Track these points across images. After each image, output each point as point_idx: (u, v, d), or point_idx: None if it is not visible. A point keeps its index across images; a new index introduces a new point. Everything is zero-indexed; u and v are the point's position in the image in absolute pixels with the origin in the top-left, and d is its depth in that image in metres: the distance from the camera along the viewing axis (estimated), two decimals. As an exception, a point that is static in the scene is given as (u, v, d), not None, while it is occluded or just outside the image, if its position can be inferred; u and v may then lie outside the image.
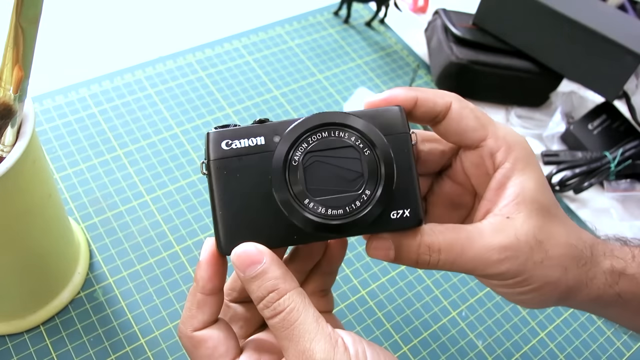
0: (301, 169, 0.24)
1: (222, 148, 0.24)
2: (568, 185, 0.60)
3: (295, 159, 0.24)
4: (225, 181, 0.24)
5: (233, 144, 0.25)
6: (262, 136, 0.25)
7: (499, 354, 0.48)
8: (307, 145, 0.24)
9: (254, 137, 0.25)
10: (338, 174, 0.24)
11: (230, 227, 0.25)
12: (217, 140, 0.24)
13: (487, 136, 0.28)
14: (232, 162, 0.24)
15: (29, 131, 0.31)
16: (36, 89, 0.58)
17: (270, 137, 0.25)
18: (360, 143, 0.24)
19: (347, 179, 0.24)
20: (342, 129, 0.24)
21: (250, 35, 0.69)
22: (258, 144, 0.25)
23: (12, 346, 0.43)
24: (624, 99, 0.63)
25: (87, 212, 0.50)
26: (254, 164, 0.25)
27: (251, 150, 0.25)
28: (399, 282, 0.51)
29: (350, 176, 0.24)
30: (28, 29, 0.28)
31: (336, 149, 0.24)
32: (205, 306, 0.27)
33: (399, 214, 0.25)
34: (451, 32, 0.66)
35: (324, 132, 0.24)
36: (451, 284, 0.52)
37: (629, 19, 0.63)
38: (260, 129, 0.25)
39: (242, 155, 0.25)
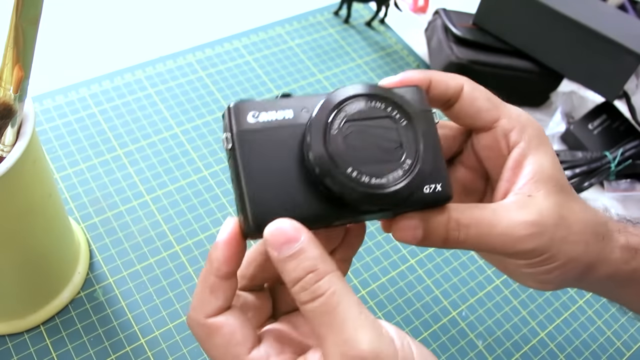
0: (341, 137, 0.22)
1: (249, 120, 0.23)
2: (568, 185, 0.60)
3: (335, 127, 0.22)
4: (253, 155, 0.23)
5: (260, 115, 0.23)
6: (290, 109, 0.23)
7: (499, 354, 0.48)
8: (346, 114, 0.23)
9: (282, 110, 0.23)
10: (377, 143, 0.23)
11: (260, 205, 0.23)
12: (243, 111, 0.23)
13: (500, 116, 0.28)
14: (261, 135, 0.23)
15: (29, 131, 0.31)
16: (36, 89, 0.58)
17: (299, 111, 0.23)
18: (397, 114, 0.24)
19: (386, 148, 0.23)
20: (379, 100, 0.23)
21: (250, 35, 0.69)
22: (286, 117, 0.23)
23: (12, 346, 0.43)
24: (624, 98, 0.63)
25: (87, 212, 0.50)
26: (284, 137, 0.23)
27: (280, 124, 0.23)
28: (399, 282, 0.51)
29: (390, 146, 0.23)
30: (28, 29, 0.28)
31: (374, 118, 0.23)
32: (220, 291, 0.24)
33: (431, 189, 0.24)
34: (451, 32, 0.66)
35: (360, 102, 0.23)
36: (451, 284, 0.52)
37: (629, 19, 0.63)
38: (288, 102, 0.23)
39: (271, 129, 0.23)
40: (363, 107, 0.23)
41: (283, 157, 0.23)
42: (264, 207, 0.23)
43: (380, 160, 0.23)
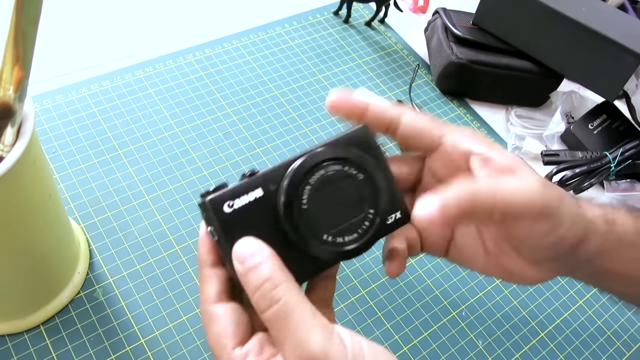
0: (311, 209, 0.25)
1: (226, 211, 0.25)
2: (568, 185, 0.60)
3: (304, 202, 0.25)
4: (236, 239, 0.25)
5: (234, 203, 0.25)
6: (259, 188, 0.26)
7: (499, 354, 0.48)
8: (310, 186, 0.26)
9: (252, 191, 0.26)
10: (343, 203, 0.26)
11: None
12: (218, 205, 0.25)
13: (445, 133, 0.30)
14: (239, 222, 0.25)
15: (29, 131, 0.31)
16: (36, 88, 0.58)
17: (267, 187, 0.26)
18: (354, 171, 0.27)
19: (351, 205, 0.26)
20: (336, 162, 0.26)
21: (250, 35, 0.69)
22: (257, 197, 0.26)
23: (12, 346, 0.43)
24: (624, 98, 0.63)
25: (87, 211, 0.50)
26: (259, 216, 0.26)
27: (254, 205, 0.26)
28: (399, 281, 0.51)
29: (353, 202, 0.26)
30: (28, 29, 0.28)
31: (335, 182, 0.26)
32: (212, 277, 0.27)
33: (393, 219, 0.28)
34: (451, 31, 0.66)
35: (320, 170, 0.26)
36: (451, 284, 0.52)
37: (629, 19, 0.63)
38: (255, 182, 0.26)
39: (246, 212, 0.25)
40: (324, 174, 0.26)
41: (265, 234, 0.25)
42: None
43: (348, 218, 0.26)
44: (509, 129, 0.67)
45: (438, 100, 0.68)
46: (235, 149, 0.58)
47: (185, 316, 0.46)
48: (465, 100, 0.69)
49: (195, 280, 0.48)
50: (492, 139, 0.65)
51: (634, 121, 0.63)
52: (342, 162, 0.26)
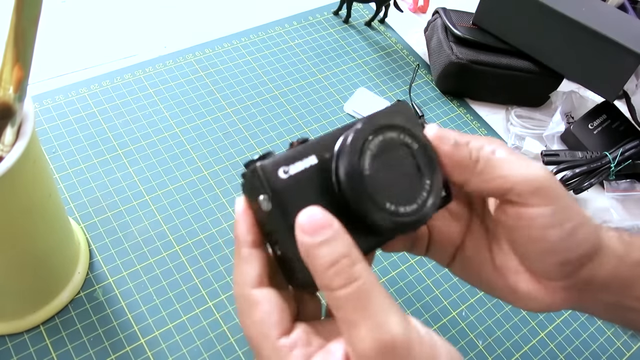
0: (373, 176, 0.24)
1: (281, 177, 0.23)
2: (568, 185, 0.60)
3: (366, 168, 0.24)
4: (294, 209, 0.23)
5: (289, 169, 0.24)
6: (312, 155, 0.24)
7: (499, 354, 0.48)
8: (371, 152, 0.24)
9: (305, 158, 0.24)
10: (402, 172, 0.25)
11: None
12: (273, 171, 0.23)
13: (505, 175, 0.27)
14: (295, 190, 0.24)
15: (29, 131, 0.31)
16: (36, 88, 0.58)
17: (321, 155, 0.25)
18: (409, 140, 0.26)
19: (410, 174, 0.25)
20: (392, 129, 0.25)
21: (250, 35, 0.69)
22: (312, 164, 0.24)
23: (12, 346, 0.43)
24: (624, 99, 0.63)
25: (87, 211, 0.50)
26: (316, 184, 0.24)
27: (308, 172, 0.24)
28: (399, 282, 0.51)
29: (412, 171, 0.25)
30: (28, 29, 0.28)
31: (393, 150, 0.25)
32: (253, 259, 0.25)
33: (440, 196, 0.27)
34: (451, 31, 0.66)
35: (378, 137, 0.25)
36: (451, 283, 0.52)
37: (629, 19, 0.63)
38: (308, 148, 0.25)
39: (302, 179, 0.24)
40: (382, 141, 0.25)
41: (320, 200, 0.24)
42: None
43: (408, 188, 0.25)
44: (509, 129, 0.67)
45: (438, 100, 0.68)
46: (235, 149, 0.58)
47: (185, 316, 0.46)
48: (465, 100, 0.69)
49: (196, 280, 0.48)
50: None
51: (634, 121, 0.63)
52: (399, 130, 0.25)
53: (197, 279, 0.48)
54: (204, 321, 0.46)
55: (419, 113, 0.65)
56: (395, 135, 0.25)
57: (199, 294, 0.47)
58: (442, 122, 0.66)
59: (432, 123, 0.31)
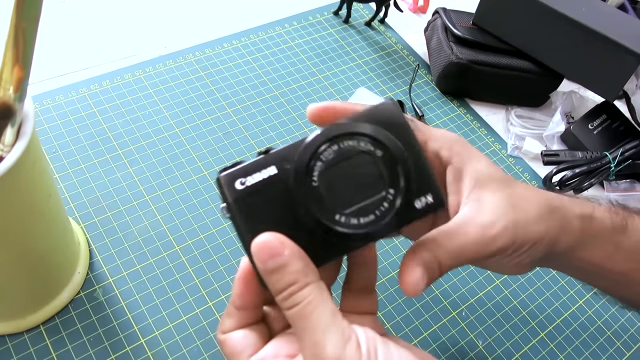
0: (323, 187, 0.24)
1: (237, 188, 0.24)
2: (568, 185, 0.60)
3: (315, 180, 0.24)
4: (250, 217, 0.24)
5: (246, 181, 0.25)
6: (272, 165, 0.25)
7: (499, 354, 0.48)
8: (322, 162, 0.24)
9: (265, 169, 0.25)
10: (358, 181, 0.24)
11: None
12: (230, 182, 0.24)
13: (426, 139, 0.30)
14: (251, 198, 0.24)
15: (29, 131, 0.31)
16: (36, 88, 0.58)
17: (281, 165, 0.25)
18: (371, 146, 0.25)
19: (368, 184, 0.24)
20: (350, 137, 0.25)
21: (250, 35, 0.69)
22: (271, 174, 0.25)
23: (12, 346, 0.43)
24: (624, 99, 0.63)
25: (87, 211, 0.50)
26: (272, 194, 0.25)
27: (266, 183, 0.25)
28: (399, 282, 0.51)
29: (371, 180, 0.24)
30: (28, 29, 0.28)
31: (350, 158, 0.24)
32: (233, 317, 0.28)
33: (422, 202, 0.25)
34: (451, 31, 0.66)
35: (333, 146, 0.24)
36: (451, 283, 0.52)
37: (629, 19, 0.63)
38: (269, 159, 0.25)
39: (259, 190, 0.25)
40: (337, 150, 0.24)
41: (277, 212, 0.25)
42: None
43: (364, 199, 0.24)
44: (509, 129, 0.67)
45: (438, 100, 0.68)
46: (235, 149, 0.58)
47: (185, 316, 0.46)
48: (465, 100, 0.69)
49: (196, 280, 0.48)
50: (492, 139, 0.65)
51: (634, 121, 0.63)
52: (358, 138, 0.25)
53: (197, 279, 0.48)
54: (204, 321, 0.46)
55: (418, 113, 0.65)
56: (354, 143, 0.25)
57: (199, 294, 0.47)
58: (442, 122, 0.66)
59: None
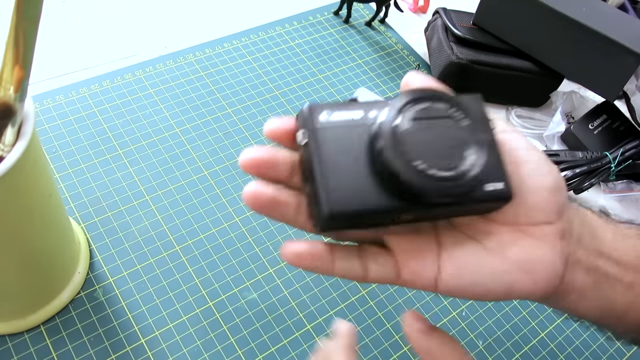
0: (409, 133, 0.24)
1: (322, 119, 0.24)
2: (568, 185, 0.60)
3: (404, 124, 0.24)
4: (327, 151, 0.24)
5: (333, 114, 0.25)
6: (359, 110, 0.25)
7: (499, 354, 0.48)
8: (412, 113, 0.24)
9: (352, 111, 0.25)
10: (444, 140, 0.24)
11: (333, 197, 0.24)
12: (317, 110, 0.24)
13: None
14: (333, 132, 0.24)
15: (29, 131, 0.31)
16: (36, 88, 0.58)
17: (367, 113, 0.25)
18: (460, 115, 0.25)
19: (452, 145, 0.24)
20: (442, 101, 0.25)
21: (251, 35, 0.69)
22: (355, 118, 0.25)
23: (13, 346, 0.43)
24: (624, 99, 0.63)
25: (87, 211, 0.50)
26: (354, 135, 0.24)
27: (350, 123, 0.25)
28: (399, 282, 0.51)
29: (455, 143, 0.24)
30: (28, 29, 0.28)
31: (439, 118, 0.24)
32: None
33: (493, 187, 0.25)
34: (451, 31, 0.66)
35: (426, 103, 0.24)
36: (451, 283, 0.52)
37: (629, 19, 0.63)
38: (356, 105, 0.25)
39: (342, 127, 0.24)
40: (428, 107, 0.24)
41: (354, 153, 0.24)
42: (336, 197, 0.24)
43: (446, 155, 0.24)
44: (509, 129, 0.67)
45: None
46: (235, 149, 0.58)
47: (185, 316, 0.46)
48: (466, 100, 0.69)
49: (196, 280, 0.48)
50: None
51: (634, 121, 0.63)
52: (450, 104, 0.25)
53: (197, 279, 0.48)
54: (204, 321, 0.46)
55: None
56: (443, 106, 0.25)
57: (199, 294, 0.47)
58: (442, 122, 0.66)
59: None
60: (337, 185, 0.24)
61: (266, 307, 0.48)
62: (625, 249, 0.28)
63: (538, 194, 0.25)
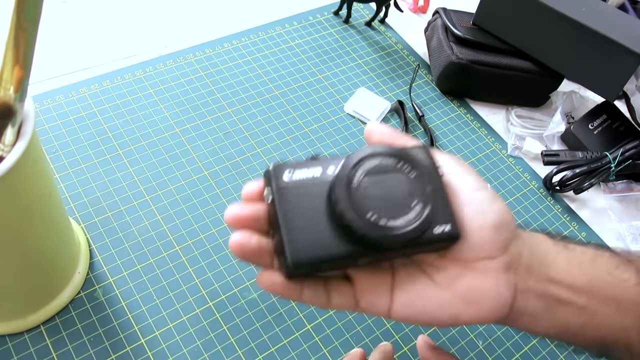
0: (361, 189, 0.26)
1: (285, 178, 0.27)
2: (568, 185, 0.60)
3: (355, 181, 0.27)
4: (290, 207, 0.27)
5: (294, 174, 0.27)
6: (318, 167, 0.28)
7: (499, 354, 0.48)
8: (363, 170, 0.27)
9: (312, 168, 0.28)
10: (392, 193, 0.27)
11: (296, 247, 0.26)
12: (280, 171, 0.27)
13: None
14: (295, 190, 0.27)
15: (29, 131, 0.31)
16: (36, 88, 0.58)
17: (325, 169, 0.28)
18: (407, 168, 0.28)
19: (400, 197, 0.27)
20: (391, 157, 0.28)
21: (251, 35, 0.69)
22: (315, 175, 0.28)
23: (13, 346, 0.43)
24: (624, 99, 0.63)
25: (87, 211, 0.50)
26: (314, 191, 0.27)
27: (310, 180, 0.28)
28: (399, 282, 0.51)
29: (402, 194, 0.27)
30: (28, 29, 0.28)
31: (387, 172, 0.27)
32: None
33: (441, 229, 0.27)
34: (451, 31, 0.66)
35: (376, 159, 0.27)
36: (451, 284, 0.52)
37: (629, 19, 0.63)
38: (317, 162, 0.28)
39: (303, 184, 0.27)
40: (378, 164, 0.27)
41: (314, 208, 0.27)
42: (299, 249, 0.26)
43: (394, 206, 0.27)
44: (509, 129, 0.67)
45: (438, 100, 0.68)
46: (235, 149, 0.58)
47: (185, 316, 0.46)
48: (465, 100, 0.69)
49: (196, 280, 0.48)
50: (492, 139, 0.65)
51: (634, 121, 0.63)
52: (398, 158, 0.28)
53: (197, 279, 0.48)
54: (204, 321, 0.46)
55: (418, 113, 0.65)
56: (393, 162, 0.27)
57: (199, 294, 0.47)
58: (442, 122, 0.66)
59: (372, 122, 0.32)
60: (300, 238, 0.27)
61: (266, 307, 0.48)
62: (578, 274, 0.30)
63: (480, 233, 0.28)
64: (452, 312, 0.28)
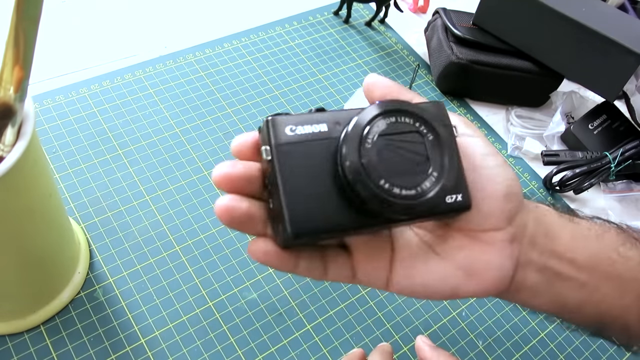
0: (374, 151, 0.24)
1: (286, 133, 0.24)
2: (568, 185, 0.60)
3: (368, 141, 0.24)
4: (290, 167, 0.24)
5: (297, 129, 0.24)
6: (324, 123, 0.24)
7: (499, 354, 0.48)
8: (377, 129, 0.24)
9: (317, 124, 0.24)
10: (407, 156, 0.24)
11: (297, 214, 0.23)
12: (281, 125, 0.24)
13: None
14: (297, 147, 0.24)
15: (29, 131, 0.31)
16: (36, 88, 0.58)
17: (332, 125, 0.24)
18: (424, 129, 0.25)
19: (415, 161, 0.24)
20: (408, 115, 0.25)
21: (251, 35, 0.69)
22: (321, 130, 0.24)
23: (12, 346, 0.43)
24: (624, 99, 0.63)
25: (87, 211, 0.50)
26: (318, 150, 0.24)
27: (315, 137, 0.24)
28: (399, 282, 0.51)
29: (418, 159, 0.25)
30: (28, 29, 0.28)
31: (403, 133, 0.24)
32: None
33: (453, 199, 0.25)
34: (451, 31, 0.66)
35: (390, 118, 0.24)
36: (451, 284, 0.52)
37: (629, 19, 0.63)
38: (322, 116, 0.25)
39: (306, 142, 0.24)
40: (393, 123, 0.24)
41: (318, 169, 0.24)
42: (300, 216, 0.23)
43: (409, 173, 0.24)
44: (509, 129, 0.67)
45: (438, 100, 0.68)
46: (235, 149, 0.57)
47: (185, 316, 0.46)
48: (465, 100, 0.69)
49: (196, 280, 0.48)
50: (492, 139, 0.65)
51: (634, 121, 0.63)
52: (416, 118, 0.25)
53: (197, 279, 0.48)
54: (204, 321, 0.46)
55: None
56: (409, 121, 0.25)
57: (199, 294, 0.47)
58: (442, 122, 0.66)
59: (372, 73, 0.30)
60: (301, 204, 0.23)
61: (266, 307, 0.48)
62: (581, 249, 0.29)
63: (489, 203, 0.26)
64: (452, 284, 0.27)
